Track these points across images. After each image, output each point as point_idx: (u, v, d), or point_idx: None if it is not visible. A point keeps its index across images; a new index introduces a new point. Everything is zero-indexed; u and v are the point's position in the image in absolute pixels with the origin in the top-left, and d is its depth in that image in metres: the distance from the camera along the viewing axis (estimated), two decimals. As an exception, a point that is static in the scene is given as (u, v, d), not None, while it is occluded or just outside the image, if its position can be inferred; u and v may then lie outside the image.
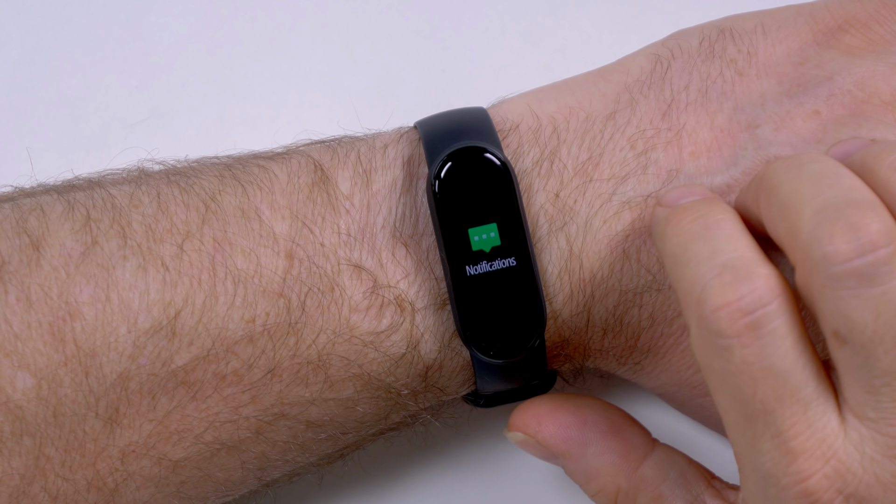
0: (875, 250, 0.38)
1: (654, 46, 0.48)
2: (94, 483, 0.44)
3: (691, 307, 0.40)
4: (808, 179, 0.40)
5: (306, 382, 0.44)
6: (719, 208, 0.42)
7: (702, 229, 0.41)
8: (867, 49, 0.47)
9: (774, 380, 0.39)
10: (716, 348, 0.39)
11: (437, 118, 0.47)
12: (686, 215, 0.41)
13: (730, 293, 0.39)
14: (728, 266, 0.39)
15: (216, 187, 0.45)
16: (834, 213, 0.39)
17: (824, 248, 0.39)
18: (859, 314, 0.39)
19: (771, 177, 0.41)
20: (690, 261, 0.40)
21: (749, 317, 0.39)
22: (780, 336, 0.39)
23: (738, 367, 0.39)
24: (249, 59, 0.56)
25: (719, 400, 0.40)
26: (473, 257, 0.44)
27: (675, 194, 0.43)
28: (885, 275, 0.38)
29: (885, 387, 0.39)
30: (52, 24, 0.56)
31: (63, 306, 0.43)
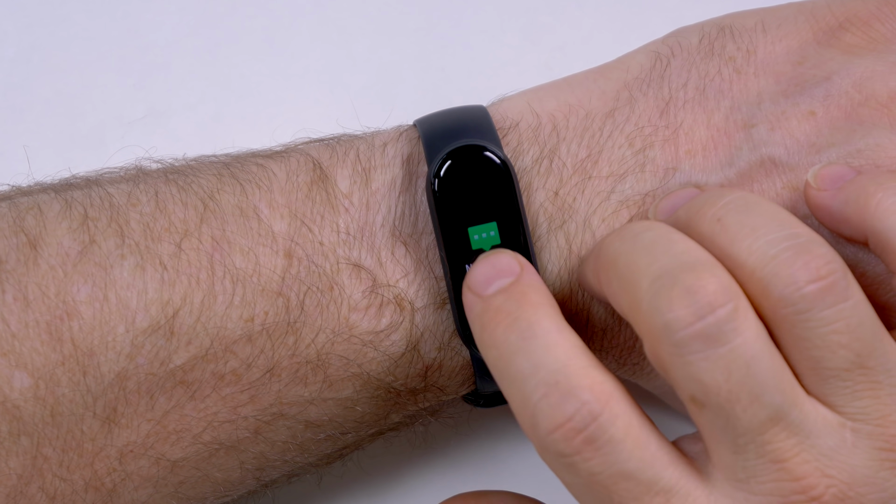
0: (714, 310, 0.38)
1: (655, 44, 0.48)
2: (92, 483, 0.44)
3: (528, 431, 0.40)
4: (641, 249, 0.40)
5: (305, 382, 0.44)
6: (530, 305, 0.41)
7: (518, 340, 0.40)
8: (868, 48, 0.46)
9: (626, 482, 0.39)
10: (563, 466, 0.39)
11: (437, 116, 0.47)
12: (499, 320, 0.41)
13: (558, 415, 0.39)
14: (551, 383, 0.39)
15: (214, 186, 0.45)
16: (669, 279, 0.39)
17: (664, 316, 0.38)
18: (711, 376, 0.38)
19: (607, 251, 0.41)
20: (515, 380, 0.40)
21: (583, 433, 0.39)
22: (619, 441, 0.39)
23: (588, 479, 0.39)
24: (248, 56, 0.55)
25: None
26: (473, 256, 0.44)
27: (481, 276, 0.42)
28: (729, 333, 0.38)
29: (749, 444, 0.39)
30: (48, 22, 0.56)
31: (60, 305, 0.43)
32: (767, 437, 0.39)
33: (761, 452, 0.39)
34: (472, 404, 0.48)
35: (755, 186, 0.45)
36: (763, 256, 0.39)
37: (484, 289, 0.42)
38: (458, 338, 0.45)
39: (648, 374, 0.47)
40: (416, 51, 0.56)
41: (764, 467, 0.39)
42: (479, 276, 0.42)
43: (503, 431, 0.52)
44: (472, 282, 0.42)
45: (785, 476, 0.39)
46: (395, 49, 0.56)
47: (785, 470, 0.39)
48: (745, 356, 0.38)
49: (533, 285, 0.41)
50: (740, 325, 0.38)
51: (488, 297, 0.41)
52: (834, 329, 0.39)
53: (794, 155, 0.45)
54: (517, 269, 0.42)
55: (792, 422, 0.39)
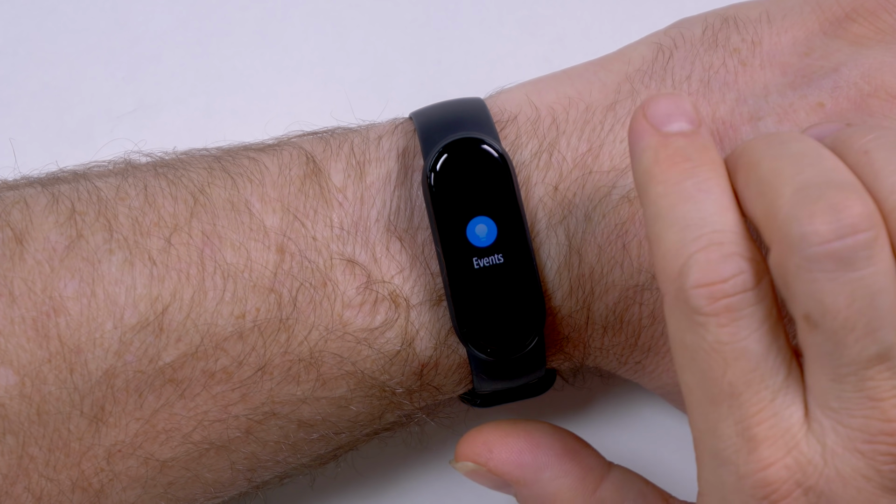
0: (855, 233, 0.38)
1: (657, 35, 0.48)
2: (79, 483, 0.44)
3: (670, 276, 0.39)
4: (789, 157, 0.40)
5: (298, 380, 0.44)
6: (711, 162, 0.40)
7: (693, 189, 0.40)
8: (875, 38, 0.46)
9: (746, 363, 0.39)
10: (690, 323, 0.39)
11: (433, 109, 0.47)
12: (677, 162, 0.40)
13: (714, 272, 0.39)
14: (715, 242, 0.39)
15: (205, 179, 0.45)
16: (815, 192, 0.38)
17: (803, 227, 0.38)
18: (833, 299, 0.38)
19: (751, 152, 0.40)
20: (676, 223, 0.39)
21: (730, 299, 0.39)
22: (757, 321, 0.39)
23: (711, 346, 0.39)
24: (239, 48, 0.55)
25: (685, 377, 0.40)
26: (470, 252, 0.44)
27: (662, 109, 0.41)
28: (863, 260, 0.38)
29: (850, 376, 0.39)
30: (35, 14, 0.56)
31: (47, 301, 0.43)
32: (871, 372, 0.38)
33: (861, 387, 0.39)
34: (469, 404, 0.48)
35: None
36: None
37: (663, 123, 0.41)
38: (454, 335, 0.45)
39: (650, 373, 0.47)
40: (412, 42, 0.56)
41: (859, 401, 0.39)
42: (660, 107, 0.41)
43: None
44: (650, 111, 0.41)
45: (878, 415, 0.39)
46: (391, 41, 0.56)
47: (879, 409, 0.39)
48: (873, 287, 0.38)
49: (712, 143, 0.41)
50: (876, 254, 0.38)
51: (667, 134, 0.41)
52: None
53: None
54: (698, 120, 0.41)
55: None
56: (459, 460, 0.46)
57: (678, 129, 0.41)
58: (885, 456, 0.39)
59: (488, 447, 0.46)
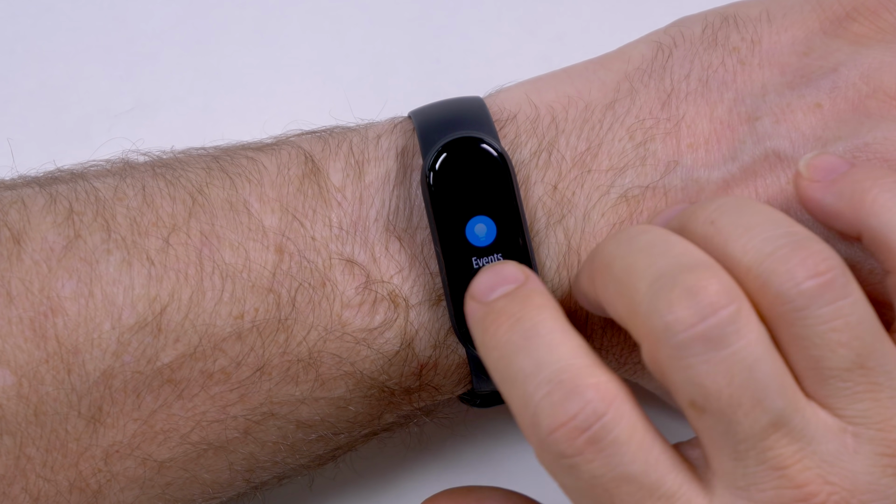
0: (717, 311, 0.38)
1: (656, 34, 0.48)
2: (77, 484, 0.44)
3: (527, 430, 0.39)
4: (638, 252, 0.40)
5: (296, 381, 0.44)
6: (534, 307, 0.40)
7: (520, 340, 0.40)
8: (875, 38, 0.46)
9: (629, 486, 0.39)
10: (563, 468, 0.39)
11: (432, 108, 0.47)
12: (501, 322, 0.40)
13: (561, 413, 0.38)
14: (554, 381, 0.39)
15: (203, 179, 0.45)
16: (669, 280, 0.38)
17: (664, 317, 0.38)
18: (712, 380, 0.38)
19: (602, 255, 0.40)
20: (516, 379, 0.39)
21: (587, 433, 0.38)
22: (623, 442, 0.39)
23: (590, 483, 0.39)
24: (237, 47, 0.55)
25: None
26: (470, 251, 0.44)
27: (484, 284, 0.41)
28: (731, 335, 0.38)
29: (750, 451, 0.38)
30: (33, 12, 0.56)
31: (45, 301, 0.43)
32: (769, 443, 0.38)
33: (762, 459, 0.38)
34: (469, 404, 0.48)
35: (759, 181, 0.45)
36: (759, 254, 0.39)
37: (486, 295, 0.41)
38: (454, 335, 0.45)
39: (650, 374, 0.47)
40: (410, 41, 0.56)
41: (765, 474, 0.38)
42: (482, 284, 0.41)
43: (500, 432, 0.52)
44: (474, 290, 0.41)
45: (786, 483, 0.38)
46: (390, 39, 0.55)
47: (786, 477, 0.38)
48: (748, 359, 0.38)
49: (537, 290, 0.41)
50: (743, 327, 0.38)
51: (491, 301, 0.41)
52: (833, 327, 0.39)
53: (799, 149, 0.45)
54: (521, 277, 0.41)
55: (794, 427, 0.38)
56: None
57: (499, 294, 0.41)
58: None
59: None
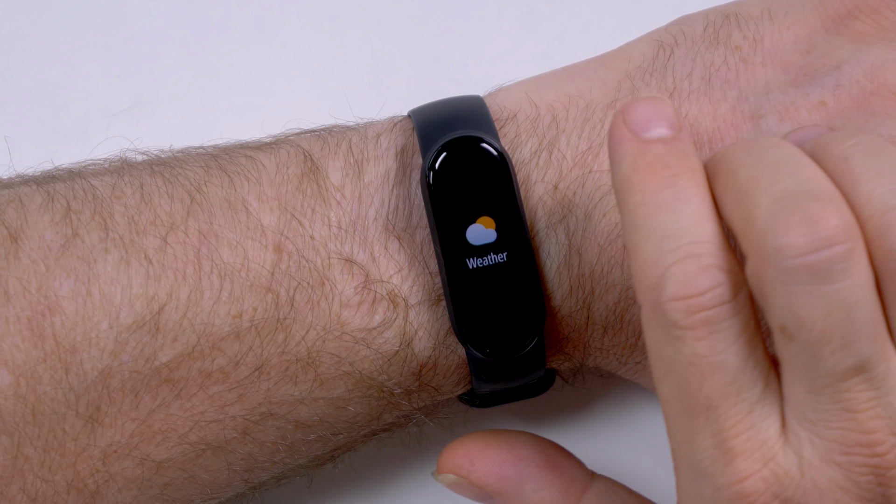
0: (831, 246, 0.38)
1: (657, 32, 0.48)
2: (75, 484, 0.44)
3: (647, 287, 0.39)
4: (767, 165, 0.39)
5: (295, 381, 0.44)
6: (690, 170, 0.40)
7: (671, 198, 0.39)
8: (878, 36, 0.46)
9: (723, 376, 0.39)
10: (667, 336, 0.39)
11: (432, 107, 0.47)
12: (656, 170, 0.40)
13: (691, 285, 0.38)
14: (692, 254, 0.39)
15: (202, 178, 0.45)
16: (792, 202, 0.38)
17: (779, 239, 0.38)
18: (808, 312, 0.38)
19: (730, 159, 0.40)
20: (654, 234, 0.39)
21: (707, 312, 0.38)
22: (734, 334, 0.39)
23: (688, 359, 0.39)
24: (236, 45, 0.55)
25: (662, 389, 0.40)
26: (469, 251, 0.44)
27: (642, 114, 0.40)
28: (839, 272, 0.38)
29: (826, 388, 0.38)
30: (31, 10, 0.56)
31: (42, 300, 0.43)
32: (847, 384, 0.38)
33: (837, 399, 0.39)
34: (468, 404, 0.48)
35: None
36: (884, 204, 0.39)
37: (643, 129, 0.40)
38: (453, 335, 0.45)
39: (651, 373, 0.47)
40: (410, 39, 0.56)
41: (836, 413, 0.39)
42: (640, 112, 0.40)
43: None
44: (629, 116, 0.40)
45: (854, 426, 0.39)
46: (389, 38, 0.55)
47: (856, 420, 0.39)
48: (849, 300, 0.38)
49: (692, 150, 0.40)
50: (853, 267, 0.38)
51: (647, 141, 0.40)
52: None
53: None
54: (678, 125, 0.41)
55: (875, 375, 0.38)
56: (441, 472, 0.46)
57: (658, 136, 0.40)
58: (861, 468, 0.39)
59: (470, 459, 0.46)
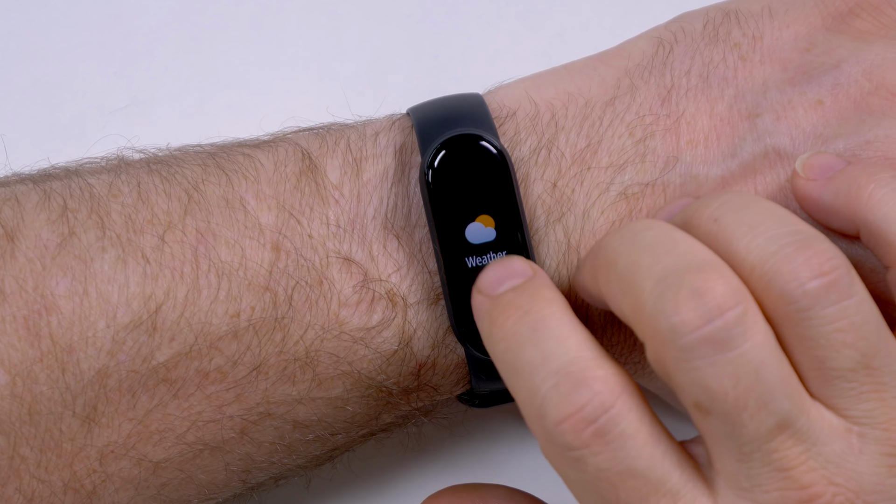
0: (723, 313, 0.38)
1: (657, 30, 0.48)
2: (71, 485, 0.43)
3: (533, 422, 0.39)
4: (643, 249, 0.39)
5: (293, 380, 0.44)
6: (542, 300, 0.40)
7: (529, 332, 0.40)
8: (878, 34, 0.46)
9: (634, 480, 0.39)
10: (568, 460, 0.39)
11: (431, 105, 0.47)
12: (509, 314, 0.40)
13: (568, 405, 0.38)
14: (562, 373, 0.39)
15: (199, 176, 0.45)
16: (675, 280, 0.38)
17: (670, 319, 0.38)
18: (718, 383, 0.38)
19: (606, 251, 0.40)
20: (523, 370, 0.39)
21: (594, 425, 0.38)
22: (630, 436, 0.39)
23: (595, 476, 0.39)
24: (234, 43, 0.55)
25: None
26: (468, 250, 0.44)
27: (492, 278, 0.42)
28: (737, 337, 0.38)
29: (754, 453, 0.38)
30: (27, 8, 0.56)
31: (39, 300, 0.43)
32: (774, 444, 0.38)
33: (767, 461, 0.38)
34: (467, 404, 0.48)
35: (759, 178, 0.45)
36: (763, 253, 0.39)
37: (494, 289, 0.41)
38: (452, 335, 0.45)
39: (651, 373, 0.47)
40: (409, 37, 0.56)
41: (769, 476, 0.39)
42: (489, 277, 0.42)
43: (499, 433, 0.52)
44: (482, 284, 0.42)
45: (791, 485, 0.38)
46: (388, 35, 0.55)
47: (791, 478, 0.38)
48: (755, 361, 0.38)
49: (545, 284, 0.41)
50: (749, 328, 0.38)
51: (499, 295, 0.41)
52: (838, 327, 0.39)
53: (800, 146, 0.45)
54: (529, 272, 0.41)
55: (799, 429, 0.38)
56: None
57: (507, 287, 0.41)
58: None
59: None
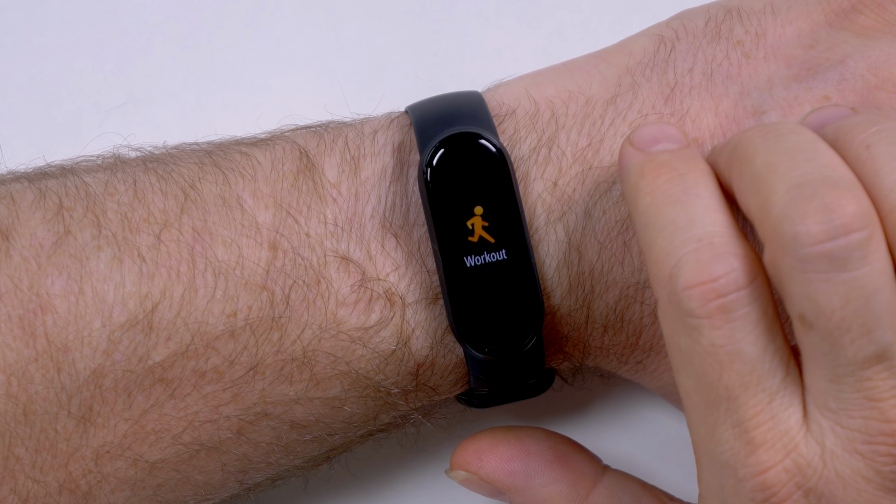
0: (848, 234, 0.38)
1: (658, 27, 0.48)
2: (67, 485, 0.43)
3: (662, 280, 0.39)
4: (784, 152, 0.40)
5: (290, 380, 0.44)
6: (698, 169, 0.41)
7: (680, 193, 0.40)
8: (882, 30, 0.46)
9: (742, 366, 0.39)
10: (684, 326, 0.39)
11: (430, 103, 0.47)
12: (663, 172, 0.41)
13: (705, 272, 0.39)
14: (705, 241, 0.39)
15: (196, 175, 0.45)
16: (809, 190, 0.38)
17: (796, 227, 0.38)
18: (828, 300, 0.38)
19: (746, 145, 0.41)
20: (665, 228, 0.40)
21: (722, 299, 0.39)
22: (752, 321, 0.39)
23: (706, 349, 0.39)
24: (231, 40, 0.55)
25: (682, 381, 0.40)
26: (467, 249, 0.44)
27: (648, 134, 0.42)
28: (857, 260, 0.38)
29: (848, 376, 0.39)
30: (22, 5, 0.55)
31: (34, 299, 0.43)
32: (869, 373, 0.39)
33: (859, 387, 0.39)
34: (466, 405, 0.48)
35: None
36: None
37: (649, 145, 0.42)
38: (451, 334, 0.45)
39: (651, 372, 0.47)
40: (407, 34, 0.56)
41: (858, 402, 0.39)
42: (645, 133, 0.42)
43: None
44: (636, 137, 0.42)
45: (876, 415, 0.39)
46: (386, 32, 0.55)
47: (878, 409, 0.39)
48: (868, 287, 0.38)
49: (701, 157, 0.41)
50: (870, 254, 0.38)
51: (653, 152, 0.41)
52: None
53: None
54: (685, 140, 0.42)
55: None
56: (453, 469, 0.47)
57: (663, 148, 0.42)
58: (884, 457, 0.39)
59: (479, 455, 0.46)
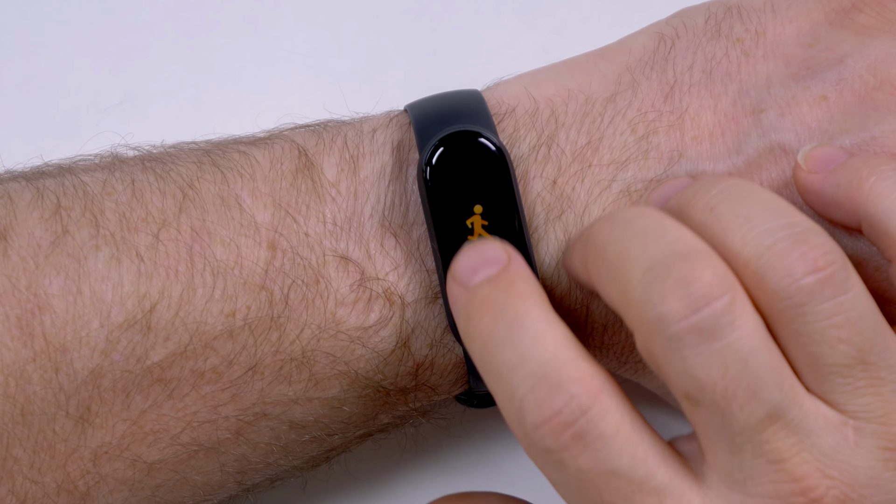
0: (710, 302, 0.38)
1: (658, 25, 0.48)
2: (65, 486, 0.43)
3: (514, 424, 0.39)
4: (632, 237, 0.40)
5: (289, 380, 0.44)
6: (517, 294, 0.40)
7: (504, 332, 0.40)
8: (882, 29, 0.46)
9: (617, 481, 0.39)
10: (550, 462, 0.39)
11: (429, 101, 0.47)
12: (485, 312, 0.40)
13: (546, 408, 0.38)
14: (539, 375, 0.39)
15: (194, 174, 0.45)
16: (662, 269, 0.38)
17: (658, 308, 0.38)
18: (706, 372, 0.38)
19: (595, 238, 0.41)
20: (501, 372, 0.39)
21: (572, 428, 0.38)
22: (609, 436, 0.39)
23: (577, 478, 0.39)
24: (229, 39, 0.55)
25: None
26: (467, 248, 0.44)
27: (466, 265, 0.41)
28: (725, 326, 0.38)
29: (746, 444, 0.38)
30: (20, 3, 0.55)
31: (32, 299, 0.43)
32: (765, 435, 0.38)
33: (759, 452, 0.38)
34: (466, 405, 0.48)
35: (764, 174, 0.45)
36: (758, 247, 0.39)
37: (469, 279, 0.41)
38: (450, 334, 0.45)
39: (651, 372, 0.47)
40: (406, 33, 0.56)
41: (762, 468, 0.38)
42: (463, 265, 0.41)
43: (497, 433, 0.52)
44: (456, 271, 0.41)
45: (784, 477, 0.38)
46: (385, 31, 0.55)
47: (784, 471, 0.38)
48: (742, 351, 0.38)
49: (521, 275, 0.41)
50: (737, 318, 0.38)
51: (473, 288, 0.41)
52: (833, 323, 0.39)
53: (804, 141, 0.45)
54: (504, 258, 0.41)
55: (791, 420, 0.38)
56: None
57: (482, 278, 0.41)
58: None
59: None
